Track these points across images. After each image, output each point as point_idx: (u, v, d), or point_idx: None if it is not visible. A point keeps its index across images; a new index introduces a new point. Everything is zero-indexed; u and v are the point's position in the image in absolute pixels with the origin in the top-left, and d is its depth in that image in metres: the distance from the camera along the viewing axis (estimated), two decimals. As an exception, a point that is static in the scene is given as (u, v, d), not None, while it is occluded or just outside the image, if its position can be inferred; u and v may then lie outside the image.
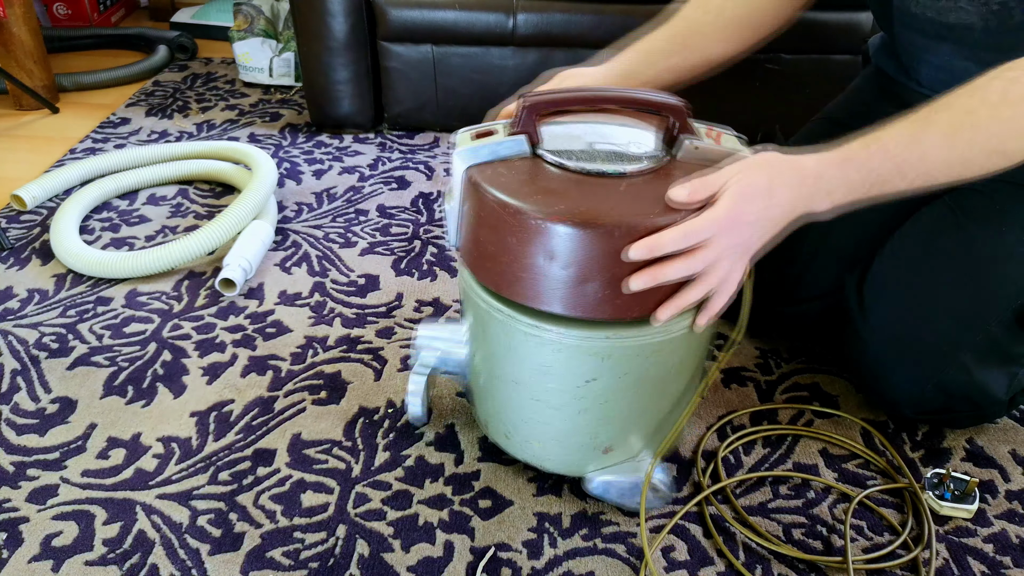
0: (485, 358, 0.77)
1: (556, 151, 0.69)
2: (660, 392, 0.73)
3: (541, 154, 0.69)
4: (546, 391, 0.73)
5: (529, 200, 0.64)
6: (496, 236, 0.66)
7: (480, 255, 0.69)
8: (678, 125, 0.69)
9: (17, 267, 1.17)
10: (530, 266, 0.65)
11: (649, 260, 0.61)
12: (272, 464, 0.85)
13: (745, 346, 1.04)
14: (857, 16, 1.42)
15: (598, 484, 0.77)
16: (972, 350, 0.80)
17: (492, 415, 0.81)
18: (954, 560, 0.76)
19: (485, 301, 0.71)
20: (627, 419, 0.74)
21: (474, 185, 0.67)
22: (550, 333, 0.68)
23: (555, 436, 0.76)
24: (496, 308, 0.71)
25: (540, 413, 0.75)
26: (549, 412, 0.74)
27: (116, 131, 1.61)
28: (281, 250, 1.23)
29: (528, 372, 0.72)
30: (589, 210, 0.62)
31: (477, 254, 0.70)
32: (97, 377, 0.96)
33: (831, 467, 0.87)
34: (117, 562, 0.74)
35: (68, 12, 2.18)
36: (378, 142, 1.58)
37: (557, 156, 0.68)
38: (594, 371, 0.70)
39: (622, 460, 0.77)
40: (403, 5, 1.44)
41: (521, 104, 0.69)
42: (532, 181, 0.66)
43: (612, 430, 0.75)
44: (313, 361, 1.00)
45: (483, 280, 0.71)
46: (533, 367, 0.72)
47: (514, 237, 0.64)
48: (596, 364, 0.69)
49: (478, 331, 0.76)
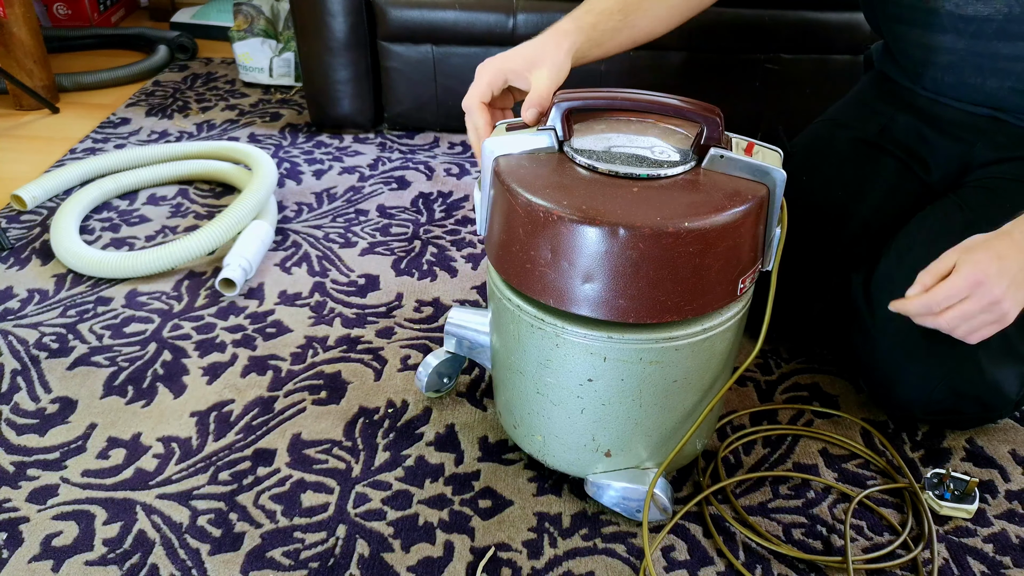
0: (500, 347, 0.79)
1: (582, 150, 0.70)
2: (663, 403, 0.73)
3: (567, 151, 0.70)
4: (547, 385, 0.73)
5: (539, 192, 0.65)
6: (508, 225, 0.67)
7: (496, 244, 0.71)
8: (706, 133, 0.68)
9: (17, 267, 1.17)
10: (535, 258, 0.66)
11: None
12: (272, 464, 0.85)
13: (745, 346, 1.04)
14: (857, 16, 1.42)
15: (595, 487, 0.77)
16: (984, 349, 0.79)
17: (504, 404, 0.82)
18: (954, 560, 0.76)
19: (500, 290, 0.73)
20: (627, 425, 0.74)
21: (496, 174, 0.69)
22: (552, 327, 0.69)
23: (555, 432, 0.77)
24: (507, 297, 0.72)
25: (542, 407, 0.76)
26: (550, 407, 0.75)
27: (116, 131, 1.61)
28: (281, 250, 1.23)
29: (532, 364, 0.73)
30: (593, 208, 0.63)
31: (494, 243, 0.72)
32: (97, 377, 0.96)
33: (831, 467, 0.87)
34: (117, 562, 0.74)
35: (68, 12, 2.18)
36: (378, 142, 1.58)
37: (580, 154, 0.69)
38: (593, 371, 0.70)
39: (624, 467, 0.77)
40: (403, 5, 1.44)
41: (553, 101, 0.70)
42: (549, 175, 0.68)
43: (611, 434, 0.74)
44: (313, 361, 1.00)
45: (498, 269, 0.72)
46: (536, 359, 0.72)
47: (522, 228, 0.66)
48: (595, 364, 0.69)
49: (495, 320, 0.78)
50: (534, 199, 0.64)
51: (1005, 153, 0.88)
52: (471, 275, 1.18)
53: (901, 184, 0.94)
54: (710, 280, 0.65)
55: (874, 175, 0.95)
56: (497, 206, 0.70)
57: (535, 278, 0.67)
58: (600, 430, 0.74)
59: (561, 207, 0.63)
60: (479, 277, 1.17)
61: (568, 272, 0.64)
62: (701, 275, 0.64)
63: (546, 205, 0.63)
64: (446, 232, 1.28)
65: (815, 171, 0.98)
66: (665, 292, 0.64)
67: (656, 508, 0.76)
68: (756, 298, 0.78)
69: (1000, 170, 0.88)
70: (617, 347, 0.68)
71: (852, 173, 0.95)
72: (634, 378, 0.70)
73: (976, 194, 0.86)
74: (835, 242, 0.93)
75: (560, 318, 0.68)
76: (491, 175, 0.70)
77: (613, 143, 0.72)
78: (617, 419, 0.73)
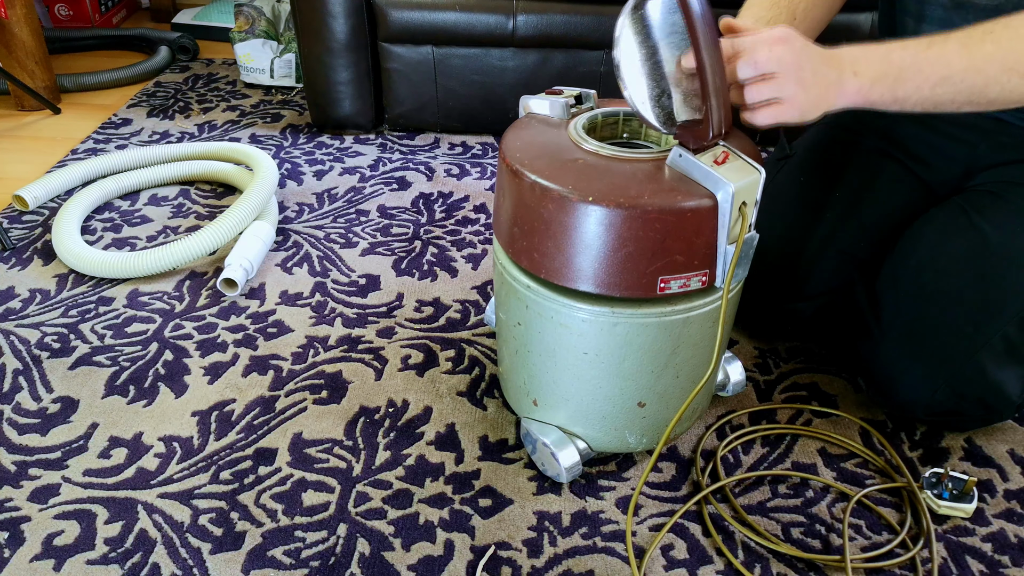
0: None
1: (584, 126, 0.75)
2: (575, 371, 0.76)
3: (572, 124, 0.76)
4: (500, 322, 0.84)
5: (514, 147, 0.73)
6: (498, 180, 0.77)
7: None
8: (682, 134, 0.68)
9: (19, 267, 1.18)
10: (498, 206, 0.76)
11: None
12: (273, 463, 0.85)
13: (744, 346, 1.04)
14: (857, 17, 1.43)
15: (523, 429, 0.85)
16: (987, 350, 0.80)
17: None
18: (952, 559, 0.77)
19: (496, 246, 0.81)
20: (545, 380, 0.79)
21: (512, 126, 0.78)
22: (503, 269, 0.78)
23: (505, 372, 0.88)
24: (496, 245, 0.81)
25: (503, 346, 0.86)
26: (503, 345, 0.85)
27: (118, 132, 1.62)
28: (282, 250, 1.23)
29: (500, 306, 0.83)
30: (536, 170, 0.68)
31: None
32: (99, 377, 0.97)
33: (830, 466, 0.87)
34: (119, 561, 0.74)
35: (70, 13, 2.18)
36: (379, 143, 1.59)
37: (577, 130, 0.74)
38: (520, 315, 0.77)
39: (548, 421, 0.82)
40: (404, 6, 1.45)
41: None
42: (538, 139, 0.74)
43: (535, 384, 0.81)
44: (314, 361, 1.00)
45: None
46: (499, 300, 0.83)
47: (499, 178, 0.75)
48: (521, 309, 0.76)
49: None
50: (506, 151, 0.73)
51: (1010, 155, 0.88)
52: (471, 275, 1.18)
53: (903, 186, 0.94)
54: (615, 263, 0.67)
55: (876, 177, 0.95)
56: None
57: (495, 219, 0.78)
58: (529, 376, 0.81)
59: (519, 160, 0.70)
60: (479, 277, 1.18)
61: (505, 218, 0.74)
62: (603, 254, 0.67)
63: (508, 157, 0.72)
64: (446, 232, 1.29)
65: (816, 172, 0.98)
66: (565, 255, 0.69)
67: (554, 463, 0.81)
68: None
69: (1006, 173, 0.88)
70: (534, 299, 0.74)
71: (854, 175, 0.95)
72: (549, 334, 0.75)
73: (981, 198, 0.86)
74: (836, 244, 0.93)
75: (508, 262, 0.77)
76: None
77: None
78: (535, 368, 0.79)
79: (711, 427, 0.91)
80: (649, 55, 0.67)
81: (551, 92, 0.81)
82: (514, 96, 1.53)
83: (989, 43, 0.68)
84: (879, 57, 0.69)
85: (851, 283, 0.92)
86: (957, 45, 0.69)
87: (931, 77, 0.68)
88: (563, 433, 0.81)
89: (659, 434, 0.81)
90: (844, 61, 0.68)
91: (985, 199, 0.85)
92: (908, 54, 0.68)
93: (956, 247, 0.83)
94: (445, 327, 1.07)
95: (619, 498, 0.82)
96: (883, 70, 0.68)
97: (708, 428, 0.91)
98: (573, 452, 0.80)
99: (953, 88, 0.69)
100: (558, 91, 0.81)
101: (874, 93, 0.69)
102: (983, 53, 0.68)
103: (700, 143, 0.66)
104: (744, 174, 0.66)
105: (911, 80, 0.68)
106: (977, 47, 0.68)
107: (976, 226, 0.83)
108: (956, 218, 0.85)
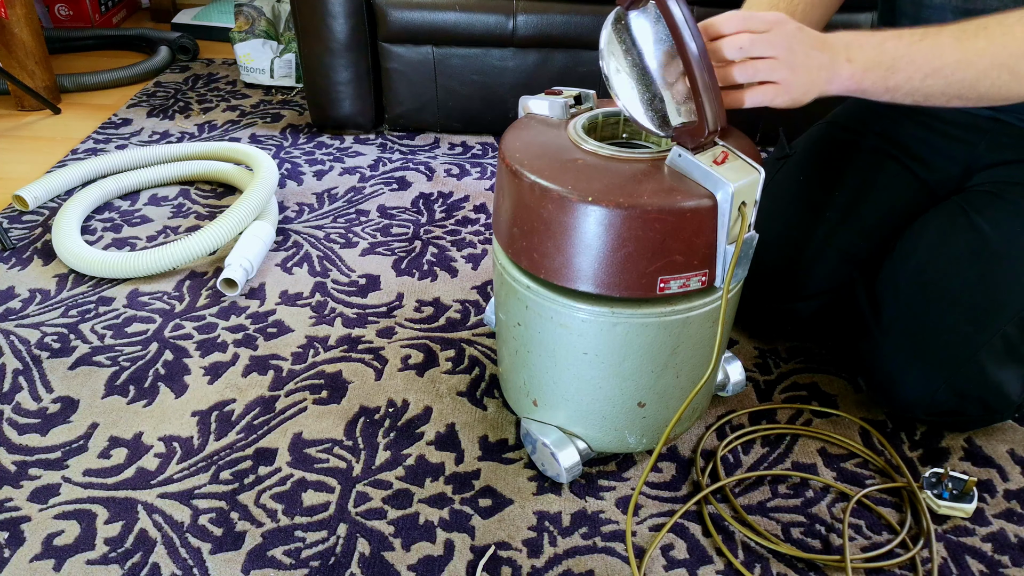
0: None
1: (584, 126, 0.75)
2: (575, 371, 0.76)
3: (572, 124, 0.76)
4: (500, 322, 0.84)
5: (513, 147, 0.72)
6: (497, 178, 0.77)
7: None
8: (679, 134, 0.68)
9: (19, 267, 1.18)
10: (497, 206, 0.76)
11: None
12: (273, 463, 0.85)
13: (744, 346, 1.04)
14: (856, 17, 1.43)
15: (523, 429, 0.85)
16: (987, 350, 0.80)
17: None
18: (952, 559, 0.77)
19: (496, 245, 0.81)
20: (543, 379, 0.79)
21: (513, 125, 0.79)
22: (503, 269, 0.78)
23: (505, 372, 0.87)
24: (495, 245, 0.81)
25: (502, 347, 0.85)
26: (503, 345, 0.85)
27: (118, 132, 1.62)
28: (282, 250, 1.23)
29: (500, 306, 0.83)
30: (535, 169, 0.68)
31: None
32: (99, 377, 0.97)
33: (830, 466, 0.87)
34: (119, 561, 0.74)
35: (70, 13, 2.18)
36: (379, 143, 1.59)
37: (576, 130, 0.74)
38: (520, 316, 0.77)
39: (547, 421, 0.82)
40: (404, 6, 1.45)
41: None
42: (538, 139, 0.74)
43: (535, 384, 0.81)
44: (314, 361, 1.00)
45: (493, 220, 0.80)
46: (499, 300, 0.83)
47: (498, 178, 0.75)
48: (521, 310, 0.76)
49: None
50: (505, 151, 0.73)
51: (1009, 155, 0.88)
52: (471, 275, 1.18)
53: (903, 186, 0.94)
54: (615, 263, 0.67)
55: (876, 177, 0.95)
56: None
57: (495, 219, 0.78)
58: (529, 376, 0.81)
59: (519, 161, 0.70)
60: (479, 277, 1.18)
61: (504, 218, 0.74)
62: (603, 254, 0.67)
63: (507, 157, 0.71)
64: (446, 232, 1.29)
65: (815, 172, 0.98)
66: (565, 256, 0.69)
67: (551, 460, 0.81)
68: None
69: (1005, 173, 0.88)
70: (534, 299, 0.74)
71: (853, 175, 0.95)
72: (548, 334, 0.75)
73: (981, 198, 0.86)
74: (835, 243, 0.93)
75: (508, 263, 0.77)
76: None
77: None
78: (535, 369, 0.79)
79: (711, 427, 0.91)
80: (636, 62, 0.68)
81: (551, 92, 0.81)
82: (514, 96, 1.53)
83: (982, 38, 0.68)
84: (873, 45, 0.69)
85: (851, 283, 0.92)
86: (951, 38, 0.69)
87: (923, 68, 0.69)
88: (563, 433, 0.81)
89: (659, 434, 0.81)
90: (837, 47, 0.68)
91: (985, 199, 0.85)
92: (902, 44, 0.69)
93: (956, 247, 0.83)
94: (445, 327, 1.07)
95: (619, 498, 0.82)
96: (876, 58, 0.68)
97: (708, 428, 0.91)
98: (573, 452, 0.80)
99: (944, 80, 0.69)
100: (557, 91, 0.81)
101: (866, 81, 0.69)
102: (976, 47, 0.68)
103: (698, 141, 0.66)
104: (743, 174, 0.66)
105: (903, 70, 0.68)
106: (970, 41, 0.68)
107: (976, 226, 0.83)
108: (956, 218, 0.85)
